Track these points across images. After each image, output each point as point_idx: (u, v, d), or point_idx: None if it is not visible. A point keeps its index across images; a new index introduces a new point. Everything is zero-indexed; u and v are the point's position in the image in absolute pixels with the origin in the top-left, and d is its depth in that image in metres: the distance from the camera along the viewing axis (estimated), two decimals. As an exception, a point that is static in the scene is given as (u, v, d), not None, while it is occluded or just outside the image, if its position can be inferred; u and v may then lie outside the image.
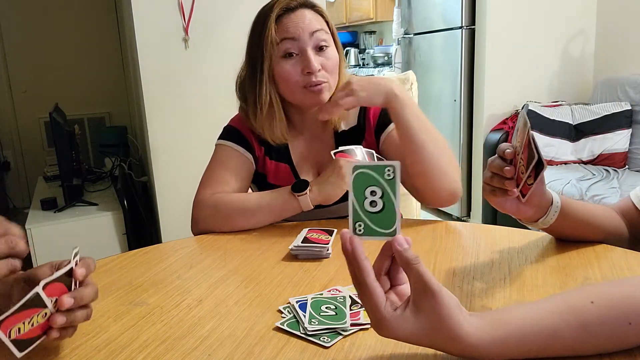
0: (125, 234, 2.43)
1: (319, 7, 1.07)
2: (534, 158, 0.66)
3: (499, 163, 0.74)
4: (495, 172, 0.74)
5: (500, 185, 0.74)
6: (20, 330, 0.52)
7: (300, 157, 1.13)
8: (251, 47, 1.08)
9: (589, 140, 2.72)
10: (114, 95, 4.17)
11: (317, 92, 1.03)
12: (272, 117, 1.07)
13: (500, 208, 0.78)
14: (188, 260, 0.88)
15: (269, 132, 1.07)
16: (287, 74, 1.03)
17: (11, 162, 4.13)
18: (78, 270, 0.57)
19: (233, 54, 2.40)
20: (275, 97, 1.06)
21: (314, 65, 1.01)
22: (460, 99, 3.12)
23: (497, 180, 0.74)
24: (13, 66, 4.00)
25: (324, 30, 1.04)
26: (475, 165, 3.17)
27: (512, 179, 0.72)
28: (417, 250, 0.86)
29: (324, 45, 1.03)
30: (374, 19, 4.78)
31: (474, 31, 3.03)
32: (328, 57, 1.04)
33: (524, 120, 0.70)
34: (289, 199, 0.99)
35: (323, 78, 1.03)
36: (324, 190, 0.98)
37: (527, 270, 0.76)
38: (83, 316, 0.59)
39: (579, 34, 3.10)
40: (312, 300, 0.68)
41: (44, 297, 0.54)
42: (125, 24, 3.04)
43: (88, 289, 0.59)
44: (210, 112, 2.40)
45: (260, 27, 1.04)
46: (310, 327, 0.60)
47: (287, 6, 1.03)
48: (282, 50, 1.02)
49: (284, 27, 1.03)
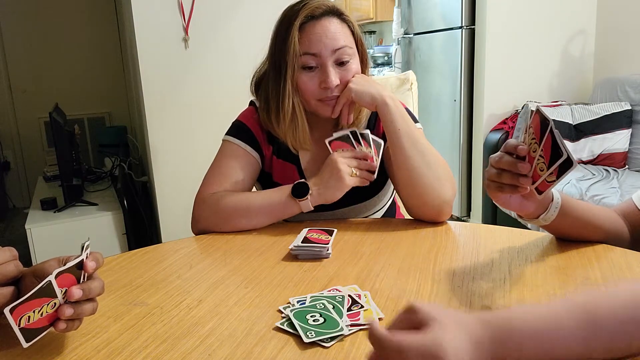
0: (125, 234, 2.43)
1: (346, 16, 1.05)
2: (561, 156, 0.65)
3: (510, 160, 0.72)
4: (506, 168, 0.73)
5: (512, 182, 0.72)
6: (30, 319, 0.53)
7: (308, 158, 1.12)
8: (275, 51, 1.05)
9: (588, 140, 2.72)
10: (114, 95, 4.17)
11: (331, 105, 1.04)
12: (295, 125, 1.05)
13: (503, 205, 0.78)
14: (188, 260, 0.88)
15: (292, 139, 1.07)
16: (305, 86, 1.02)
17: (11, 162, 4.13)
18: (89, 263, 0.58)
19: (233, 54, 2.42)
20: (298, 106, 1.05)
21: (332, 82, 1.00)
22: (460, 98, 3.12)
23: (508, 176, 0.73)
24: (13, 66, 4.00)
25: (347, 47, 1.02)
26: (475, 165, 3.16)
27: (527, 176, 0.71)
28: (417, 250, 0.86)
29: (345, 61, 1.02)
30: (374, 19, 4.78)
31: (474, 31, 3.03)
32: (348, 70, 1.03)
33: (542, 117, 0.68)
34: (290, 202, 0.98)
35: (338, 92, 1.03)
36: (324, 194, 0.97)
37: (527, 270, 0.76)
38: (89, 309, 0.59)
39: (579, 34, 3.10)
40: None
41: (55, 286, 0.54)
42: (125, 24, 3.04)
43: (96, 283, 0.60)
44: (210, 112, 2.41)
45: (284, 33, 1.02)
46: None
47: (312, 14, 1.01)
48: (303, 63, 1.01)
49: (306, 39, 1.00)
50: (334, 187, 0.96)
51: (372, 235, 0.95)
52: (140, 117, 2.79)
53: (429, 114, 3.37)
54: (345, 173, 0.96)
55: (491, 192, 0.77)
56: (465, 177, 3.22)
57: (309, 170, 1.11)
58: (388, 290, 0.72)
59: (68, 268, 0.56)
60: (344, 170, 0.96)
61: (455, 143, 3.19)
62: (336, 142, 1.01)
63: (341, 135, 1.02)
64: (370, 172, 1.00)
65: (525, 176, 0.71)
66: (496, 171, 0.74)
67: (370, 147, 1.01)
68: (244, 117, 1.13)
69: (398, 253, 0.86)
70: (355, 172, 0.97)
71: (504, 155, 0.74)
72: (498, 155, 0.75)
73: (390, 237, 0.94)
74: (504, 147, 0.74)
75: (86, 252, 0.59)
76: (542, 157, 0.68)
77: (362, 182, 0.98)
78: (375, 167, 0.99)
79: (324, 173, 0.99)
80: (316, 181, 0.99)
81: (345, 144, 1.01)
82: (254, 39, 1.12)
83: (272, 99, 1.06)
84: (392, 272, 0.78)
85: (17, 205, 4.17)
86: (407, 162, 0.98)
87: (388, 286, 0.73)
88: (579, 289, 0.70)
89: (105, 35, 4.09)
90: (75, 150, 2.64)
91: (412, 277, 0.76)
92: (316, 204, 0.98)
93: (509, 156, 0.73)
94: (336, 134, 1.02)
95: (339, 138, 1.02)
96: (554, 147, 0.66)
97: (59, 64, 4.04)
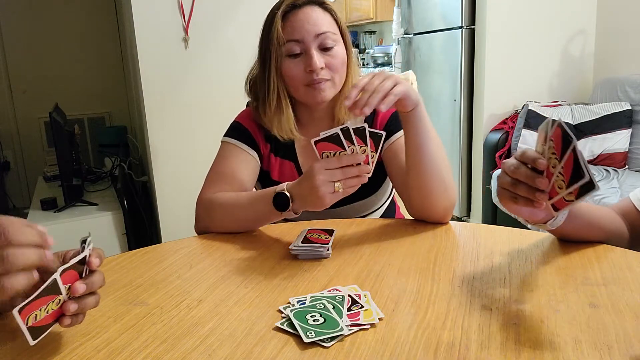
0: (125, 234, 2.43)
1: (327, 4, 1.07)
2: (583, 177, 0.62)
3: (527, 172, 0.69)
4: (522, 180, 0.69)
5: (528, 195, 0.69)
6: (36, 317, 0.54)
7: (306, 155, 1.13)
8: (261, 44, 1.08)
9: (588, 140, 2.72)
10: (114, 95, 4.17)
11: (319, 89, 1.03)
12: (280, 112, 1.07)
13: (514, 212, 0.76)
14: (188, 260, 0.88)
15: (278, 128, 1.08)
16: (291, 72, 1.04)
17: (11, 162, 4.13)
18: (93, 260, 0.59)
19: (233, 54, 2.42)
20: (283, 93, 1.07)
21: (316, 64, 1.01)
22: (460, 98, 3.12)
23: (524, 189, 0.69)
24: (13, 66, 4.00)
25: (330, 32, 1.03)
26: (475, 165, 3.16)
27: (544, 191, 0.68)
28: (417, 250, 0.86)
29: (329, 46, 1.03)
30: (374, 18, 4.78)
31: (474, 31, 3.03)
32: (334, 55, 1.04)
33: (564, 132, 0.64)
34: (274, 210, 0.92)
35: (325, 76, 1.03)
36: (304, 207, 0.90)
37: (527, 271, 0.76)
38: (92, 303, 0.60)
39: (579, 34, 3.09)
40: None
41: (60, 284, 0.55)
42: (125, 24, 3.04)
43: (97, 276, 0.60)
44: (210, 112, 2.41)
45: (268, 25, 1.06)
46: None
47: (294, 3, 1.04)
48: (287, 50, 1.03)
49: (289, 27, 1.03)
50: (312, 204, 0.87)
51: (372, 235, 0.95)
52: (140, 117, 2.79)
53: (429, 114, 3.34)
54: (325, 192, 0.84)
55: (503, 201, 0.74)
56: (465, 177, 3.22)
57: (306, 166, 1.11)
58: (388, 290, 0.72)
59: (72, 265, 0.56)
60: (324, 190, 0.83)
61: (455, 143, 3.19)
62: (323, 142, 0.85)
63: (329, 135, 0.85)
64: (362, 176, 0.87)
65: (542, 191, 0.68)
66: (511, 180, 0.71)
67: (366, 144, 0.85)
68: (241, 118, 1.15)
69: (398, 253, 0.86)
70: (339, 187, 0.84)
71: (520, 166, 0.70)
72: (513, 165, 0.71)
73: (390, 237, 0.94)
74: (521, 157, 0.70)
75: (89, 247, 0.59)
76: (561, 174, 0.65)
77: (348, 192, 0.86)
78: (370, 170, 0.86)
79: (303, 186, 0.87)
80: (296, 192, 0.90)
81: (334, 145, 0.85)
82: (254, 39, 1.11)
83: (260, 91, 1.08)
84: (392, 272, 0.78)
85: (17, 205, 4.17)
86: (433, 169, 0.95)
87: (388, 286, 0.73)
88: (579, 288, 0.70)
89: (106, 35, 4.09)
90: (75, 150, 2.64)
91: (412, 277, 0.76)
92: (300, 211, 0.93)
93: (525, 167, 0.69)
94: (323, 134, 0.85)
95: (326, 138, 0.85)
96: (575, 167, 0.63)
97: (59, 64, 4.04)
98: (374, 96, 0.84)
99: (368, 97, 0.85)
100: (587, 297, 0.67)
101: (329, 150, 0.86)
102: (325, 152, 0.86)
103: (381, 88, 0.85)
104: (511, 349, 0.56)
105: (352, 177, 0.85)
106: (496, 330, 0.60)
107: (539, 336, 0.58)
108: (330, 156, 0.86)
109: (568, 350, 0.56)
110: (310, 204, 0.88)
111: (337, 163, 0.84)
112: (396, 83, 0.87)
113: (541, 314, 0.63)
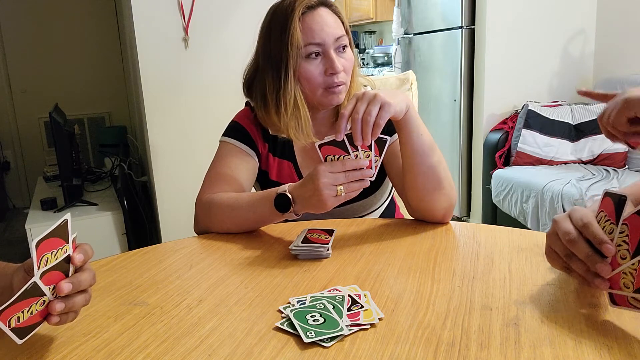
0: (125, 234, 2.43)
1: (336, 8, 1.07)
2: None
3: (588, 252, 0.61)
4: (581, 258, 0.62)
5: (585, 277, 0.63)
6: (19, 319, 0.53)
7: (304, 155, 1.13)
8: (273, 45, 1.04)
9: (588, 140, 2.72)
10: (114, 95, 4.18)
11: (337, 93, 1.04)
12: (297, 116, 1.05)
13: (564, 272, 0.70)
14: (188, 260, 0.88)
15: (295, 132, 1.05)
16: (311, 75, 1.03)
17: (11, 162, 4.13)
18: (76, 257, 0.58)
19: (233, 54, 2.42)
20: (300, 97, 1.04)
21: (338, 66, 1.02)
22: (460, 98, 3.12)
23: (581, 267, 0.63)
24: (13, 66, 4.00)
25: (344, 35, 1.05)
26: (475, 165, 3.17)
27: (604, 278, 0.61)
28: (417, 250, 0.86)
29: (345, 47, 1.05)
30: (374, 18, 4.78)
31: (474, 31, 3.03)
32: (347, 58, 1.05)
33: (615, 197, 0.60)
34: (275, 212, 0.93)
35: (343, 79, 1.04)
36: (306, 209, 0.91)
37: (527, 270, 0.76)
38: (82, 301, 0.59)
39: (579, 33, 3.10)
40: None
41: (41, 285, 0.54)
42: (125, 24, 3.04)
43: (85, 274, 0.59)
44: (210, 112, 2.41)
45: (282, 26, 1.02)
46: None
47: (309, 4, 1.03)
48: (307, 52, 1.02)
49: (308, 29, 1.02)
50: (314, 207, 0.89)
51: (372, 235, 0.95)
52: (140, 117, 2.79)
53: (429, 114, 3.37)
54: (328, 195, 0.85)
55: (552, 263, 0.69)
56: (465, 177, 3.22)
57: (304, 167, 1.12)
58: (388, 290, 0.72)
59: (55, 265, 0.55)
60: (326, 193, 0.85)
61: (455, 143, 3.19)
62: (327, 146, 0.88)
63: (334, 139, 0.87)
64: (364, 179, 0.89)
65: (601, 277, 0.61)
66: (565, 251, 0.65)
67: (371, 149, 0.89)
68: (239, 118, 1.14)
69: (398, 253, 0.86)
70: (341, 190, 0.86)
71: (579, 240, 0.62)
72: (572, 235, 0.63)
73: (390, 237, 0.94)
74: (583, 228, 0.63)
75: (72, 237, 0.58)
76: (625, 242, 0.58)
77: (350, 196, 0.88)
78: (373, 175, 0.89)
79: (306, 188, 0.88)
80: (298, 193, 0.90)
81: (338, 150, 0.88)
82: (254, 39, 1.11)
83: (271, 94, 1.05)
84: (392, 272, 0.78)
85: (17, 205, 4.17)
86: (429, 170, 0.95)
87: (388, 286, 0.73)
88: (579, 288, 0.70)
89: (105, 35, 4.09)
90: (75, 150, 2.64)
91: (412, 277, 0.76)
92: (301, 213, 0.93)
93: (585, 244, 0.62)
94: (328, 138, 0.87)
95: (331, 142, 0.88)
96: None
97: (59, 64, 4.04)
98: (365, 130, 0.85)
99: (360, 132, 0.85)
100: (587, 297, 0.67)
101: (333, 154, 0.89)
102: (329, 155, 0.89)
103: (369, 119, 0.84)
104: (511, 349, 0.56)
105: (354, 180, 0.87)
106: (496, 330, 0.60)
107: (539, 336, 0.58)
108: (334, 160, 0.88)
109: (568, 350, 0.56)
110: (312, 206, 0.89)
111: (341, 167, 0.86)
112: (382, 104, 0.85)
113: (541, 314, 0.63)
